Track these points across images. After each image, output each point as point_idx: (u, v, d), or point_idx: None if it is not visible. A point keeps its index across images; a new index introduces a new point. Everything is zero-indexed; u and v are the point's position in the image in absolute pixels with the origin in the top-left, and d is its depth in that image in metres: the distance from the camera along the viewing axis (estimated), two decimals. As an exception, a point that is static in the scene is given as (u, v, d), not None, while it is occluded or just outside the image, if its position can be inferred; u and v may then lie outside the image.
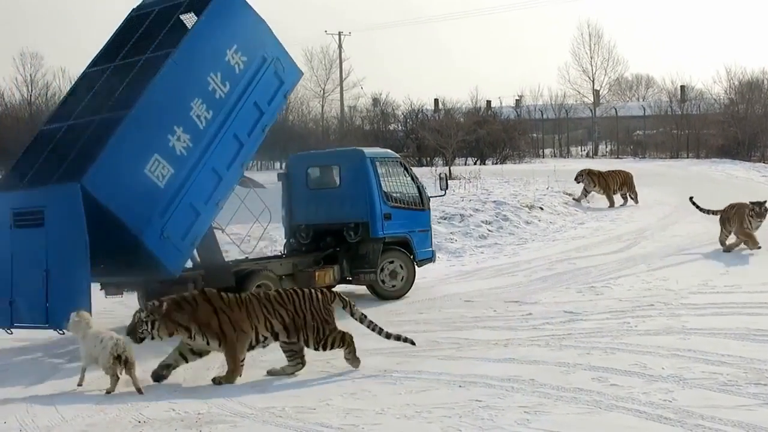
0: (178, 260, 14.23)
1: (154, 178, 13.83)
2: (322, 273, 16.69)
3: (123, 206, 13.42)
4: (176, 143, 14.18)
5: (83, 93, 15.90)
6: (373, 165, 17.39)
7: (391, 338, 11.71)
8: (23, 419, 9.69)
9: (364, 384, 10.51)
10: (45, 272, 13.23)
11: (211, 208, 14.76)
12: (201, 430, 9.00)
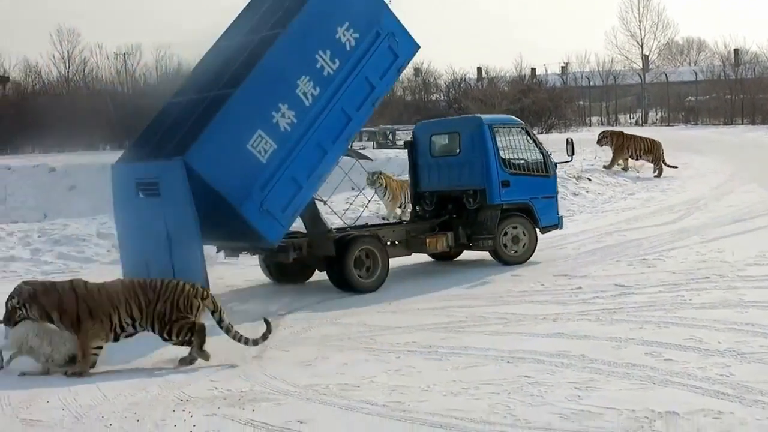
0: (278, 231, 14.60)
1: (256, 153, 14.25)
2: (434, 239, 16.72)
3: (223, 180, 14.01)
4: (280, 120, 14.48)
5: (206, 68, 16.48)
6: (491, 132, 17.27)
7: (258, 344, 11.25)
8: (65, 398, 9.61)
9: (409, 360, 10.31)
10: (167, 239, 14.26)
11: (314, 181, 15.04)
12: (244, 408, 8.87)
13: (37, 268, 18.56)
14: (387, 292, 14.78)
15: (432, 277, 16.16)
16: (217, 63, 16.10)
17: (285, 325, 12.67)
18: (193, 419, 8.59)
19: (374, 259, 15.52)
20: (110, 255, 19.31)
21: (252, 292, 15.83)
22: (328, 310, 13.63)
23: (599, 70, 71.51)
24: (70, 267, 18.64)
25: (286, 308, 13.97)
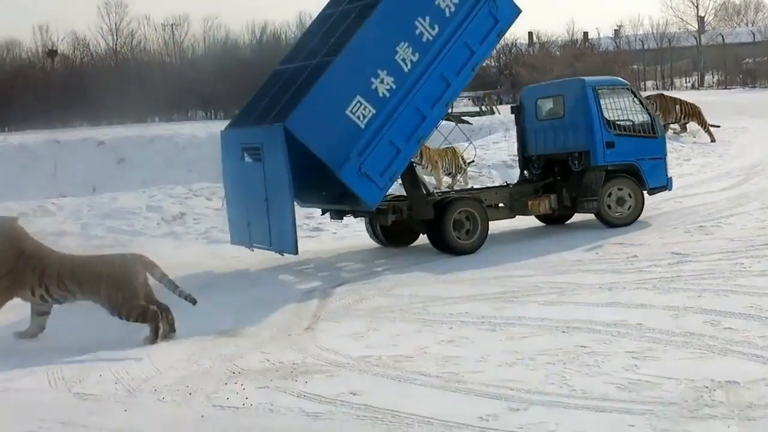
0: (376, 195, 15.00)
1: (355, 118, 14.74)
2: (536, 202, 16.82)
3: (322, 145, 14.59)
4: (379, 86, 14.89)
5: (311, 36, 17.23)
6: (595, 93, 17.18)
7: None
8: (118, 372, 9.61)
9: (462, 331, 10.19)
10: (266, 201, 14.93)
11: (413, 145, 15.39)
12: (296, 381, 8.81)
13: (88, 242, 18.62)
14: (439, 264, 14.65)
15: (484, 247, 15.97)
16: (322, 31, 16.67)
17: (336, 297, 12.60)
18: (246, 392, 8.55)
19: (474, 222, 15.71)
20: (159, 228, 19.38)
21: (307, 265, 15.75)
22: (380, 281, 13.54)
23: (653, 32, 70.81)
24: (120, 240, 18.68)
25: (337, 280, 13.88)
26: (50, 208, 21.04)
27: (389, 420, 7.44)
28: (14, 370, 9.97)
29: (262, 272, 15.08)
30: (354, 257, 15.86)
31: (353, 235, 18.33)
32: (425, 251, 15.84)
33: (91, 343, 10.94)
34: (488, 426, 7.13)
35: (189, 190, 22.34)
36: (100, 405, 8.56)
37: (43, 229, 19.33)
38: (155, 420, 7.94)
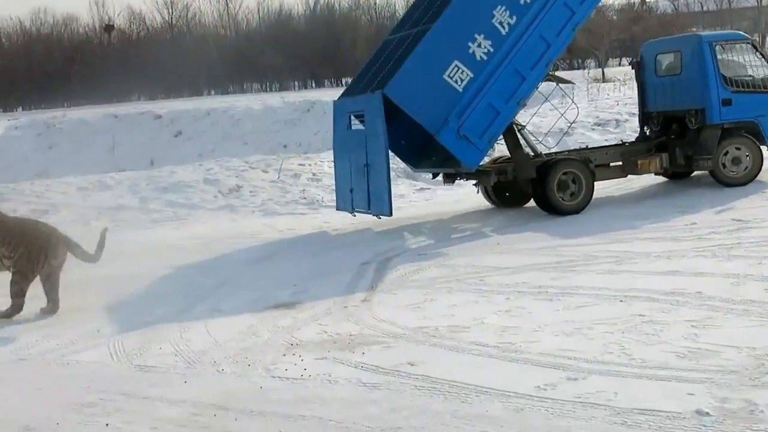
0: (475, 156, 15.39)
1: (452, 82, 15.10)
2: (646, 161, 16.76)
3: (420, 110, 15.06)
4: (476, 50, 15.21)
5: (418, 4, 17.62)
6: (711, 49, 16.91)
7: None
8: (177, 344, 9.71)
9: (519, 301, 10.15)
10: (366, 166, 15.52)
11: (512, 106, 15.59)
12: (354, 352, 8.83)
13: (146, 216, 18.84)
14: (495, 234, 14.60)
15: (539, 216, 15.89)
16: (425, 2, 17.01)
17: (392, 269, 12.60)
18: (304, 363, 8.59)
19: (579, 183, 15.75)
20: (216, 201, 19.53)
21: (363, 236, 15.77)
22: (436, 252, 13.51)
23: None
24: (178, 214, 18.86)
25: (393, 252, 13.88)
26: (109, 183, 21.30)
27: (446, 390, 7.45)
28: (77, 343, 10.13)
29: (318, 244, 15.12)
30: (408, 229, 15.83)
31: (408, 205, 18.35)
32: (483, 221, 15.79)
33: (152, 316, 11.08)
34: (546, 395, 7.11)
35: (245, 163, 22.47)
36: (161, 377, 8.66)
37: (102, 203, 19.61)
38: (214, 391, 8.01)
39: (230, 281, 12.70)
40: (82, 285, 13.17)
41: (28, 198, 20.61)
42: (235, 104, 49.25)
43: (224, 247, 15.39)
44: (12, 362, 9.68)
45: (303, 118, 46.10)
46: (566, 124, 20.53)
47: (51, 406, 8.03)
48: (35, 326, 11.05)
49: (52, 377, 9.00)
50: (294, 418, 7.16)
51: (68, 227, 18.04)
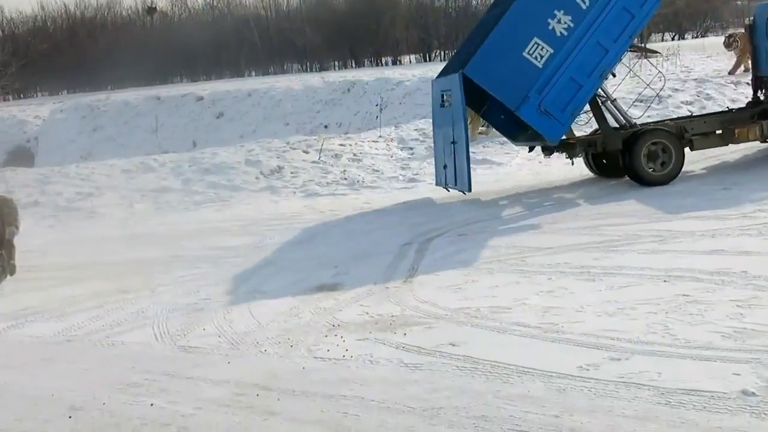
0: (557, 130, 15.60)
1: (532, 59, 15.24)
2: (744, 130, 16.54)
3: (501, 87, 15.34)
4: (556, 26, 15.29)
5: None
6: None
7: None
8: (221, 325, 9.79)
9: (561, 281, 10.11)
10: (452, 143, 15.99)
11: (595, 80, 15.64)
12: (395, 333, 8.86)
13: (189, 198, 18.94)
14: (536, 214, 14.53)
15: (580, 195, 15.82)
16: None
17: (433, 250, 12.59)
18: (346, 344, 8.63)
19: (669, 153, 15.72)
20: (258, 182, 19.57)
21: (404, 217, 15.75)
22: (477, 232, 13.48)
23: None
24: (220, 196, 18.94)
25: (434, 232, 13.87)
26: (152, 165, 21.41)
27: (488, 370, 7.46)
28: (122, 324, 10.23)
29: (359, 225, 15.12)
30: (449, 210, 15.79)
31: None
32: (521, 201, 15.73)
33: (196, 298, 11.16)
34: (588, 376, 7.10)
35: (286, 144, 22.50)
36: (204, 357, 8.73)
37: (146, 185, 19.74)
38: (257, 372, 8.07)
39: (272, 263, 12.75)
40: (125, 267, 13.31)
41: (74, 181, 20.78)
42: (276, 85, 49.27)
43: (266, 228, 15.44)
44: (59, 343, 9.82)
45: (343, 98, 46.07)
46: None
47: (97, 386, 8.12)
48: (82, 308, 11.18)
49: (98, 358, 9.12)
50: (336, 398, 7.20)
51: (113, 209, 18.31)
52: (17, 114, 51.13)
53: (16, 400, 8.00)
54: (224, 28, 74.33)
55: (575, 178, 17.35)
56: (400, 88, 44.57)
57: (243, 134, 43.70)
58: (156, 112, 47.25)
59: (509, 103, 15.34)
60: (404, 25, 68.96)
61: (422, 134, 22.69)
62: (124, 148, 43.45)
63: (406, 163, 20.44)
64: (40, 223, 18.26)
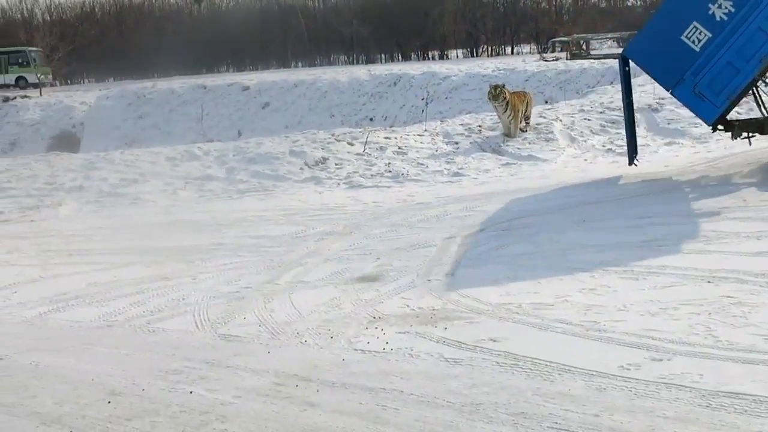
0: (712, 112, 15.79)
1: (690, 42, 15.42)
2: None
3: (657, 68, 16.05)
4: (716, 10, 15.27)
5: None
6: None
7: None
8: (262, 315, 9.81)
9: (604, 279, 10.04)
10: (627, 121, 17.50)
11: (754, 64, 15.49)
12: (436, 326, 8.84)
13: (233, 187, 19.01)
14: (580, 211, 14.43)
15: (626, 193, 15.70)
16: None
17: (476, 244, 12.55)
18: (386, 336, 8.62)
19: None
20: (302, 173, 19.62)
21: (443, 210, 15.72)
22: (520, 228, 13.43)
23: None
24: (264, 185, 18.99)
25: (477, 226, 13.82)
26: (197, 153, 21.52)
27: (529, 367, 7.43)
28: (163, 311, 10.28)
29: (403, 218, 15.10)
30: (493, 203, 15.73)
31: (494, 179, 18.26)
32: (568, 197, 15.65)
33: (237, 286, 11.20)
34: (629, 375, 7.05)
35: (331, 135, 22.53)
36: (244, 346, 8.75)
37: (190, 173, 19.84)
38: (297, 362, 8.08)
39: (315, 253, 12.76)
40: (167, 253, 13.38)
41: (118, 167, 20.93)
42: (322, 76, 49.44)
43: (309, 218, 15.47)
44: (100, 328, 9.88)
45: (389, 91, 46.15)
46: (654, 99, 20.32)
47: (137, 372, 8.17)
48: (123, 293, 11.24)
49: (139, 344, 9.16)
50: (375, 391, 7.20)
51: (157, 196, 18.43)
52: (64, 99, 51.72)
53: (55, 384, 8.06)
54: (272, 18, 74.63)
55: (621, 175, 17.23)
56: (446, 83, 44.63)
57: (288, 125, 43.94)
58: (202, 100, 47.57)
59: (665, 83, 15.98)
60: (452, 20, 68.89)
61: (467, 129, 22.64)
62: (169, 136, 43.82)
63: (451, 157, 20.39)
64: (84, 207, 18.41)
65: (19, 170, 21.39)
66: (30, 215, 18.05)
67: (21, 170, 21.37)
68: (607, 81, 37.32)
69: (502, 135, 21.87)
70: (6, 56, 63.32)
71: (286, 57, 72.90)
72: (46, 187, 20.04)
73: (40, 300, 11.22)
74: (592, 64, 42.91)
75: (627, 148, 17.58)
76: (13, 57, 63.43)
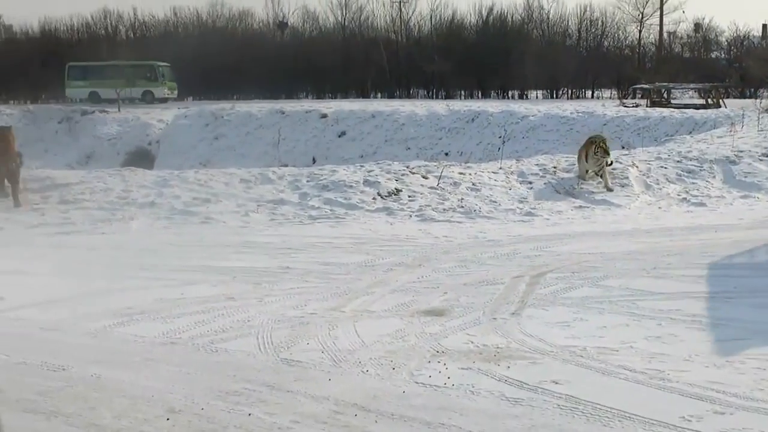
0: None
1: None
2: None
3: None
4: None
5: None
6: None
7: None
8: (325, 341, 9.84)
9: (671, 328, 9.93)
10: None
11: None
12: (499, 365, 8.80)
13: (305, 212, 19.11)
14: (649, 257, 14.29)
15: (698, 242, 15.50)
16: None
17: (545, 284, 12.47)
18: (448, 371, 8.61)
19: None
20: (374, 203, 19.66)
21: (513, 249, 15.65)
22: (590, 271, 13.32)
23: None
24: (336, 213, 19.06)
25: (546, 267, 13.75)
26: (271, 177, 21.69)
27: (589, 412, 7.37)
28: (227, 331, 10.34)
29: (472, 254, 15.06)
30: (565, 245, 15.64)
31: (566, 221, 18.15)
32: (638, 241, 15.50)
33: (303, 311, 11.23)
34: (690, 427, 6.97)
35: (406, 167, 22.59)
36: (306, 372, 8.78)
37: (263, 196, 20.01)
38: (358, 391, 8.09)
39: (382, 283, 12.77)
40: (235, 274, 13.47)
41: (191, 186, 21.16)
42: (400, 109, 49.60)
43: (379, 248, 15.49)
44: (163, 344, 9.96)
45: (466, 127, 46.17)
46: (732, 152, 20.07)
47: (197, 391, 8.23)
48: (189, 311, 11.33)
49: (201, 363, 9.22)
50: (434, 425, 7.18)
51: (228, 217, 18.59)
52: (141, 116, 52.50)
53: (115, 397, 8.14)
54: (353, 48, 75.11)
55: (695, 225, 17.05)
56: (524, 122, 44.54)
57: (363, 154, 44.15)
58: (279, 125, 47.96)
59: None
60: (534, 61, 68.76)
61: (542, 169, 22.57)
62: (244, 158, 44.23)
63: (524, 197, 20.34)
64: (155, 223, 18.62)
65: (93, 183, 21.73)
66: (101, 228, 18.29)
67: (95, 183, 21.72)
68: (686, 130, 37.03)
69: (576, 177, 21.79)
70: (133, 69, 62.61)
71: (365, 87, 73.29)
72: (118, 201, 20.32)
73: (106, 312, 11.35)
74: (672, 113, 42.55)
75: None
76: (140, 70, 62.89)
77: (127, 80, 61.09)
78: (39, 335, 10.52)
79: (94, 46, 66.36)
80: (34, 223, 18.95)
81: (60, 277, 13.73)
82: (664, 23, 72.10)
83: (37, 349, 9.87)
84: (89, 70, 63.66)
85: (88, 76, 63.30)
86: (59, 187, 21.63)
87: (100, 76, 62.65)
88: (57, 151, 49.89)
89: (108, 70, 62.49)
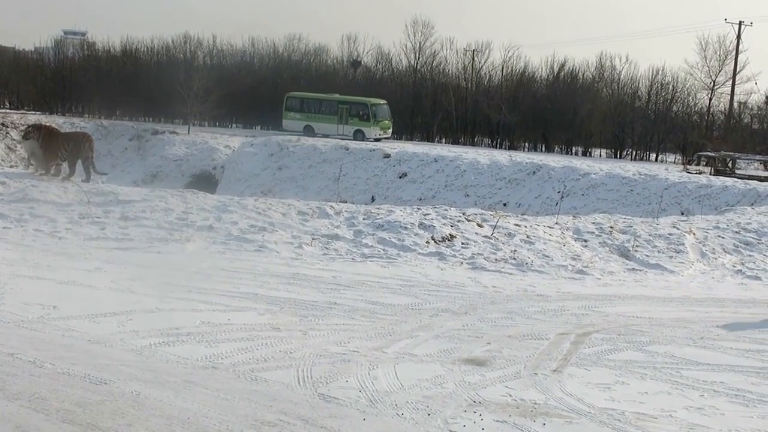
0: None
1: None
2: None
3: None
4: None
5: None
6: None
7: None
8: (364, 380, 9.87)
9: (713, 400, 9.83)
10: None
11: None
12: (535, 421, 8.77)
13: (357, 249, 19.14)
14: (697, 327, 14.14)
15: (752, 316, 15.31)
16: None
17: (589, 344, 12.40)
18: (483, 422, 8.59)
19: None
20: (428, 247, 19.64)
21: (561, 305, 15.56)
22: (636, 335, 13.22)
23: None
24: (388, 253, 19.08)
25: (593, 327, 13.66)
26: (328, 211, 21.78)
27: (621, 477, 7.31)
28: (269, 361, 10.41)
29: (520, 307, 15.01)
30: (612, 307, 15.52)
31: (617, 282, 18.01)
32: (691, 310, 15.35)
33: (345, 348, 11.26)
34: (723, 503, 6.88)
35: (462, 214, 22.58)
36: (341, 409, 8.80)
37: (318, 229, 20.09)
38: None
39: (427, 327, 12.77)
40: (283, 305, 13.53)
41: (249, 213, 21.32)
42: (463, 155, 49.73)
43: (427, 292, 15.48)
44: (205, 368, 10.04)
45: (527, 179, 46.15)
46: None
47: (232, 417, 8.28)
48: (233, 337, 11.42)
49: (239, 390, 9.28)
50: (463, 475, 7.15)
51: (282, 247, 18.68)
52: (209, 140, 53.15)
53: (152, 416, 8.21)
54: (423, 92, 75.45)
55: (748, 298, 16.84)
56: (585, 180, 44.41)
57: (422, 197, 44.28)
58: (342, 161, 48.29)
59: None
60: (601, 119, 68.58)
61: (599, 228, 22.45)
62: (304, 190, 44.56)
63: (578, 254, 20.23)
64: (211, 247, 18.77)
65: (155, 202, 21.98)
66: (157, 246, 18.49)
67: (157, 202, 21.96)
68: (747, 201, 36.71)
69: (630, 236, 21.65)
70: (347, 106, 62.21)
71: (431, 131, 73.55)
72: (177, 222, 20.52)
73: (152, 331, 11.47)
74: (736, 182, 42.21)
75: None
76: (354, 108, 62.10)
77: (341, 117, 61.61)
78: (85, 347, 10.65)
79: (172, 69, 67.05)
80: (93, 235, 19.21)
81: (113, 291, 13.91)
82: (736, 93, 71.80)
83: (82, 360, 10.00)
84: (306, 102, 63.48)
85: (304, 108, 63.13)
86: (122, 203, 21.92)
87: (316, 110, 62.67)
88: (124, 168, 50.70)
89: (324, 105, 62.48)
